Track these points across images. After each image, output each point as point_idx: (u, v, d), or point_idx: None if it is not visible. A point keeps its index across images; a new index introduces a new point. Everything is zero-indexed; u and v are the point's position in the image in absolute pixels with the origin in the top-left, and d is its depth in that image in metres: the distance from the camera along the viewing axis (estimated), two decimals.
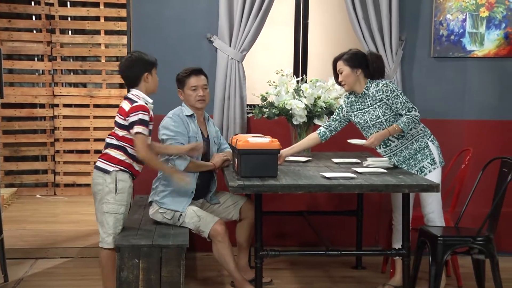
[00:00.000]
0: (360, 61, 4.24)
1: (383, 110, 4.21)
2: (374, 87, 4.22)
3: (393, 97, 4.16)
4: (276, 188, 3.65)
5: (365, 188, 3.71)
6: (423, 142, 4.25)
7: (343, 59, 4.26)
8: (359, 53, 4.29)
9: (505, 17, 5.25)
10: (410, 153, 4.26)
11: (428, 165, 4.23)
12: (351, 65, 4.23)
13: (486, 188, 4.40)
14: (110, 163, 3.80)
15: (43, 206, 7.02)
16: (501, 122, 5.37)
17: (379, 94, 4.19)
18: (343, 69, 4.26)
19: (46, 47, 7.48)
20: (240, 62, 5.08)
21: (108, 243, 3.85)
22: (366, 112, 4.28)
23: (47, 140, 7.59)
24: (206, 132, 4.35)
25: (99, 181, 3.82)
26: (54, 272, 4.80)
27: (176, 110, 4.26)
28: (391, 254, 4.24)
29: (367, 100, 4.26)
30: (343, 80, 4.28)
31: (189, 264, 4.63)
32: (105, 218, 3.84)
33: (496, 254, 3.95)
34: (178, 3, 5.15)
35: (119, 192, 3.79)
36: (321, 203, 5.40)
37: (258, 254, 3.82)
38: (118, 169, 3.79)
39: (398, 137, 4.25)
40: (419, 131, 4.27)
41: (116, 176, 3.78)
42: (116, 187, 3.78)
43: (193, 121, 4.23)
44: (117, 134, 3.82)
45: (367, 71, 4.25)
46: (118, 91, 7.61)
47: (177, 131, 4.10)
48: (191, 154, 4.13)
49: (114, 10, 7.56)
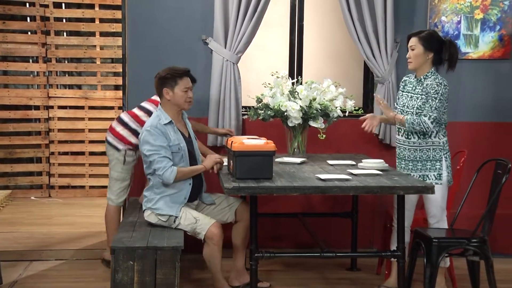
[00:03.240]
0: (435, 45, 4.17)
1: (421, 103, 4.16)
2: (431, 80, 4.16)
3: (431, 97, 4.11)
4: (271, 190, 3.65)
5: (360, 190, 3.72)
6: (438, 155, 4.21)
7: (419, 37, 4.17)
8: (437, 35, 4.23)
9: (499, 19, 5.26)
10: (422, 156, 4.22)
11: (432, 177, 4.20)
12: (425, 46, 4.16)
13: (481, 189, 4.41)
14: (121, 142, 4.57)
15: (37, 208, 7.01)
16: (496, 124, 5.38)
17: (429, 88, 4.13)
18: (415, 47, 4.18)
19: (41, 49, 7.47)
20: (235, 64, 5.08)
21: (112, 201, 4.72)
22: (411, 97, 4.23)
23: (42, 142, 7.58)
24: (187, 132, 4.31)
25: (110, 152, 4.64)
26: (49, 275, 4.78)
27: (154, 120, 4.12)
28: (386, 256, 4.24)
29: (419, 87, 4.22)
30: (410, 58, 4.21)
31: (184, 266, 4.63)
32: (113, 182, 4.68)
33: (491, 256, 3.96)
34: (173, 5, 5.15)
35: (127, 164, 4.61)
36: (316, 204, 5.40)
37: (253, 255, 3.82)
38: (127, 148, 4.58)
39: (420, 137, 4.20)
40: (440, 143, 4.21)
41: (126, 153, 4.59)
42: (125, 160, 4.59)
43: (172, 128, 4.15)
44: (137, 115, 4.57)
45: (438, 57, 4.19)
46: (113, 93, 7.60)
47: (158, 145, 4.02)
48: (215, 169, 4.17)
49: (109, 12, 7.54)
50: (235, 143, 3.87)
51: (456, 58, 4.20)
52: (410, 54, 4.22)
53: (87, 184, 7.66)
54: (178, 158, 4.12)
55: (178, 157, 4.12)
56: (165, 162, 4.02)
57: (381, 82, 5.18)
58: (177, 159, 4.12)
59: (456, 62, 4.22)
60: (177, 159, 4.12)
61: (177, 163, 4.12)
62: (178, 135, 4.16)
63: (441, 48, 4.18)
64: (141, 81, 5.07)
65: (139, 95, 5.03)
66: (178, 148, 4.12)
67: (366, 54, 5.14)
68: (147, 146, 4.05)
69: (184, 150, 4.15)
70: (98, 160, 7.65)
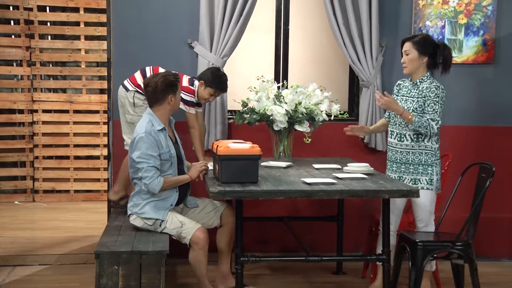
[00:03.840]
0: (429, 49, 4.19)
1: (418, 105, 4.18)
2: (428, 83, 4.19)
3: (433, 100, 4.13)
4: (256, 194, 3.65)
5: (346, 194, 3.72)
6: (430, 160, 4.22)
7: (413, 41, 4.20)
8: (431, 39, 4.25)
9: (483, 24, 5.30)
10: (414, 160, 4.23)
11: (424, 181, 4.21)
12: (420, 50, 4.18)
13: (465, 193, 4.44)
14: (132, 83, 4.71)
15: (21, 213, 6.95)
16: (480, 128, 5.42)
17: (426, 91, 4.16)
18: (410, 52, 4.20)
19: (25, 52, 7.42)
20: (221, 68, 5.07)
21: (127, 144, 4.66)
22: (407, 100, 4.25)
23: (26, 146, 7.52)
24: (174, 136, 4.31)
25: (122, 94, 4.76)
26: (32, 280, 4.74)
27: (147, 125, 4.07)
28: (371, 260, 4.25)
29: (414, 90, 4.24)
30: (405, 63, 4.24)
31: (169, 270, 4.61)
32: (126, 126, 4.78)
33: (475, 259, 3.98)
34: (158, 9, 5.14)
35: (137, 107, 4.68)
36: (301, 208, 5.40)
37: (239, 259, 3.81)
38: (135, 90, 4.68)
39: (413, 139, 4.23)
40: (432, 148, 4.23)
41: (134, 94, 4.68)
42: (134, 102, 4.68)
43: (165, 135, 4.14)
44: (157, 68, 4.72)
45: (433, 61, 4.21)
46: (98, 97, 7.56)
47: (149, 154, 3.99)
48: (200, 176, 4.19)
49: (94, 15, 7.51)
50: (220, 147, 3.87)
51: (450, 61, 4.24)
52: (405, 59, 4.25)
53: (71, 188, 7.61)
54: (168, 165, 4.12)
55: (168, 164, 4.12)
56: (153, 172, 4.01)
57: (366, 86, 5.20)
58: (167, 166, 4.11)
59: (451, 65, 4.25)
60: (166, 166, 4.11)
61: (166, 170, 4.11)
62: (169, 141, 4.16)
63: (435, 51, 4.21)
64: None
65: None
66: (169, 156, 4.11)
67: (351, 58, 5.16)
68: (137, 152, 4.03)
69: (174, 158, 4.16)
70: (83, 164, 7.60)
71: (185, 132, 4.77)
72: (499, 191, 5.33)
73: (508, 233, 5.46)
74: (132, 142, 4.12)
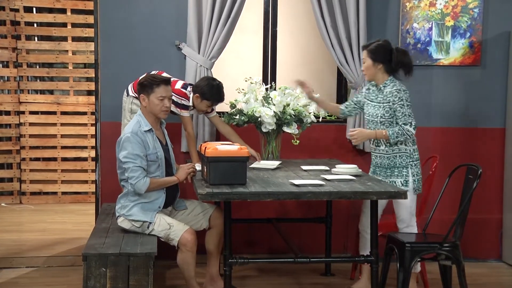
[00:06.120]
0: (383, 56, 4.24)
1: (385, 111, 4.23)
2: (390, 87, 4.24)
3: (399, 104, 4.18)
4: (245, 196, 3.65)
5: (334, 195, 3.73)
6: (405, 162, 4.26)
7: (368, 50, 4.27)
8: (385, 46, 4.28)
9: (469, 26, 5.34)
10: (389, 164, 4.29)
11: (399, 183, 4.26)
12: (373, 58, 4.24)
13: (452, 194, 4.46)
14: (132, 89, 4.66)
15: (8, 215, 6.90)
16: (467, 129, 5.45)
17: (390, 96, 4.21)
18: (365, 60, 4.29)
19: (11, 54, 7.37)
20: (209, 69, 5.07)
21: None
22: (374, 106, 4.31)
23: (13, 148, 7.47)
24: (164, 139, 4.30)
25: (124, 98, 4.77)
26: (19, 282, 4.71)
27: (134, 126, 4.08)
28: (359, 261, 4.26)
29: (380, 95, 4.29)
30: (364, 70, 4.32)
31: (157, 272, 4.60)
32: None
33: (463, 260, 4.00)
34: (146, 10, 5.12)
35: (133, 112, 4.61)
36: (290, 210, 5.40)
37: (227, 261, 3.81)
38: (134, 96, 4.62)
39: (386, 144, 4.27)
40: (407, 150, 4.27)
41: (132, 101, 4.67)
42: (131, 108, 4.67)
43: (152, 136, 4.12)
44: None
45: (389, 66, 4.26)
46: (86, 98, 7.53)
47: (135, 154, 3.98)
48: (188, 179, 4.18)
49: (81, 16, 7.48)
50: (208, 149, 3.86)
51: (410, 65, 4.28)
52: (362, 67, 4.35)
53: (59, 190, 7.57)
54: (155, 166, 4.10)
55: (155, 165, 4.10)
56: (139, 172, 3.99)
57: (354, 88, 5.21)
58: (154, 167, 4.10)
59: (412, 69, 4.29)
60: (153, 168, 4.10)
61: (154, 171, 4.10)
62: (157, 143, 4.14)
63: (390, 57, 4.26)
64: (114, 86, 5.04)
65: (112, 100, 5.00)
66: (156, 157, 4.09)
67: (339, 59, 5.18)
68: (124, 152, 4.02)
69: (161, 159, 4.14)
70: (71, 166, 7.57)
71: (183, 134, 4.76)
72: (486, 193, 5.36)
73: (494, 234, 5.50)
74: (118, 142, 4.11)
